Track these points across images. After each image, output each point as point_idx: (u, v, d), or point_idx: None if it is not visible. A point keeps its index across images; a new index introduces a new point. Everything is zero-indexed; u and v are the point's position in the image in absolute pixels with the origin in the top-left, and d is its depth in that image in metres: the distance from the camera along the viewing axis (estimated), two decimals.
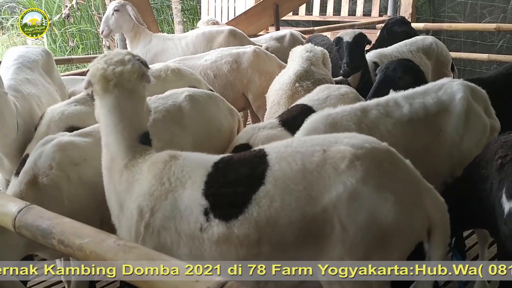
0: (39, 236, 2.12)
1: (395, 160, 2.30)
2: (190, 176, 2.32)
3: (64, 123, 3.40)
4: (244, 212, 2.19)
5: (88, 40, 12.53)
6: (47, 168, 2.86)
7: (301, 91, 4.01)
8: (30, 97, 3.77)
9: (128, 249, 1.86)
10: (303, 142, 2.35)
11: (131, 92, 2.44)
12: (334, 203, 2.13)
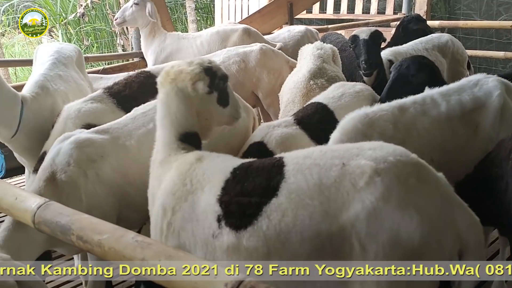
0: (58, 232, 2.15)
1: (423, 174, 2.12)
2: (210, 180, 2.29)
3: (80, 121, 3.43)
4: (253, 224, 2.11)
5: (102, 39, 12.62)
6: (65, 165, 2.88)
7: (315, 88, 4.01)
8: (56, 94, 3.85)
9: (146, 246, 1.88)
10: (323, 153, 2.20)
11: (180, 91, 2.50)
12: (352, 221, 2.00)
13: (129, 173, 3.01)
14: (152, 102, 3.30)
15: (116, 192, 2.98)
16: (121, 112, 3.52)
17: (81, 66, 4.48)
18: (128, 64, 6.42)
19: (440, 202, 2.09)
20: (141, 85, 3.78)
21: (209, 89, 2.55)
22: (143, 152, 3.01)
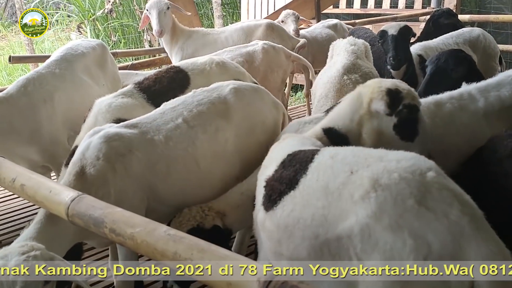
0: (91, 225, 2.18)
1: (430, 198, 1.91)
2: (275, 159, 2.48)
3: (111, 115, 3.46)
4: (273, 209, 2.23)
5: (129, 34, 12.73)
6: (94, 159, 2.91)
7: (349, 84, 3.99)
8: (33, 94, 3.89)
9: (178, 239, 1.89)
10: (345, 156, 2.18)
11: (357, 95, 2.77)
12: (348, 234, 1.95)
13: (157, 167, 3.03)
14: (181, 97, 3.32)
15: (144, 186, 3.00)
16: (151, 107, 3.54)
17: (103, 62, 4.48)
18: (156, 60, 6.47)
19: (446, 231, 1.85)
20: (171, 80, 3.79)
21: (388, 111, 2.63)
22: (171, 147, 3.05)
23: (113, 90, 4.31)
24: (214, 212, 2.93)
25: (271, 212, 2.24)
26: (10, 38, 14.32)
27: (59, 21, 14.27)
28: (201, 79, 3.81)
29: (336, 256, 2.00)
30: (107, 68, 4.48)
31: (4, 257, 2.27)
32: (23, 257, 2.23)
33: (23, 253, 2.26)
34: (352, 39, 4.61)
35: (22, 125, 3.81)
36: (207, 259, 1.77)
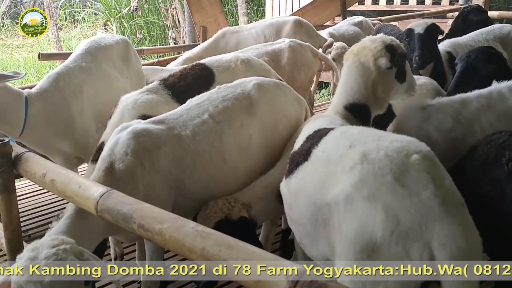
0: (120, 220, 2.19)
1: (408, 177, 2.04)
2: (303, 137, 2.69)
3: (136, 111, 3.48)
4: (290, 177, 2.53)
5: (155, 32, 12.84)
6: (123, 155, 2.93)
7: None
8: (65, 88, 3.94)
9: (206, 235, 1.88)
10: (350, 134, 2.41)
11: (361, 65, 2.87)
12: (335, 200, 2.16)
13: (184, 162, 3.05)
14: (206, 93, 3.33)
15: (171, 181, 3.02)
16: (175, 103, 3.56)
17: (127, 57, 4.50)
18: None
19: (415, 209, 1.98)
20: (196, 77, 3.80)
21: (390, 65, 2.84)
22: (198, 142, 3.07)
23: (138, 85, 4.35)
24: (240, 203, 2.97)
25: (288, 180, 2.56)
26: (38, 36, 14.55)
27: (85, 19, 14.48)
28: (226, 76, 3.81)
29: (326, 221, 2.22)
30: (130, 63, 4.51)
31: (35, 249, 2.29)
32: (53, 250, 2.25)
33: (54, 246, 2.28)
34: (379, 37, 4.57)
35: (57, 119, 3.87)
36: (235, 256, 1.76)
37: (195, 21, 6.93)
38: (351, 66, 2.89)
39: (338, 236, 2.14)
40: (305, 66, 5.00)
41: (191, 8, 7.01)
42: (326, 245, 2.27)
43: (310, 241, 2.41)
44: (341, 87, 2.97)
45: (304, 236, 2.46)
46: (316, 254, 2.42)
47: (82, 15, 14.39)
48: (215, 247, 1.83)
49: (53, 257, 2.23)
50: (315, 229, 2.31)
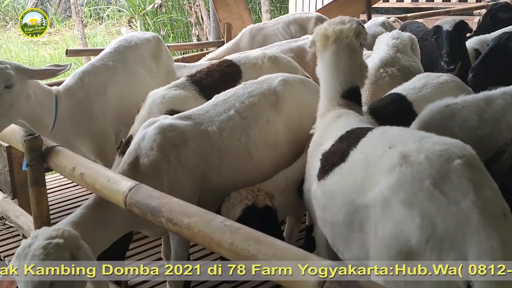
0: (148, 214, 2.21)
1: (448, 185, 1.96)
2: (333, 136, 2.60)
3: (164, 106, 3.51)
4: (325, 179, 2.45)
5: (178, 29, 12.91)
6: (148, 150, 2.96)
7: (385, 76, 3.96)
8: (89, 87, 3.95)
9: (235, 230, 1.89)
10: (391, 134, 2.34)
11: (347, 47, 2.83)
12: (372, 202, 2.11)
13: (210, 158, 3.06)
14: (232, 89, 3.35)
15: (197, 177, 3.04)
16: (202, 99, 3.58)
17: (158, 55, 4.50)
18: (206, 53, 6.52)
19: (452, 218, 1.90)
20: (222, 73, 3.82)
21: (367, 37, 2.94)
22: (224, 138, 3.08)
23: (168, 82, 4.36)
24: (263, 193, 2.98)
25: (322, 182, 2.47)
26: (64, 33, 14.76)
27: (110, 16, 14.61)
28: (253, 73, 3.81)
29: (363, 223, 2.18)
30: (161, 60, 4.50)
31: (34, 237, 2.33)
32: (45, 243, 2.25)
33: (49, 237, 2.28)
34: (397, 33, 4.55)
35: (80, 118, 3.88)
36: (264, 251, 1.77)
37: (219, 18, 6.95)
38: (338, 51, 2.82)
39: (373, 239, 2.10)
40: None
41: (216, 5, 7.04)
42: (360, 248, 2.23)
43: (344, 244, 2.36)
44: (330, 77, 2.87)
45: (337, 238, 2.42)
46: (349, 257, 2.39)
47: (107, 12, 14.53)
48: (244, 242, 1.83)
49: (40, 250, 2.23)
50: (350, 231, 2.27)
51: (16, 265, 2.26)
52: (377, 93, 3.84)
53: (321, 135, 2.76)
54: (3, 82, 3.18)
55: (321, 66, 2.91)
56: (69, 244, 2.32)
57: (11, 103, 3.26)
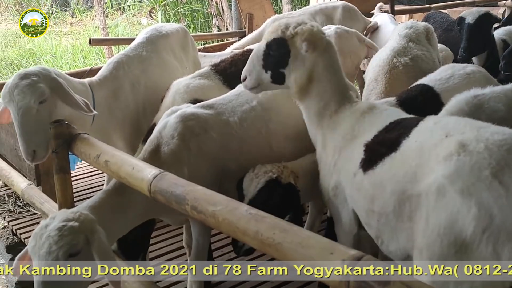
0: (173, 202, 2.21)
1: (509, 171, 1.94)
2: (370, 129, 2.55)
3: (188, 96, 3.51)
4: (373, 169, 2.38)
5: (198, 19, 12.91)
6: (169, 138, 2.97)
7: (399, 66, 3.94)
8: (124, 77, 3.88)
9: (260, 218, 1.89)
10: (446, 123, 2.31)
11: (329, 46, 2.77)
12: (426, 190, 2.08)
13: (231, 148, 3.06)
14: None
15: (217, 166, 3.04)
16: (226, 88, 3.57)
17: (185, 45, 4.48)
18: (228, 44, 6.51)
19: (511, 210, 1.87)
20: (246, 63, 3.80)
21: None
22: (245, 128, 3.08)
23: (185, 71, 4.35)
24: (289, 171, 2.95)
25: (370, 172, 2.39)
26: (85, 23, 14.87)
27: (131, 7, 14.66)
28: None
29: (413, 212, 2.14)
30: (188, 51, 4.50)
31: (52, 218, 2.39)
32: (60, 224, 2.31)
33: (65, 220, 2.34)
34: (411, 22, 4.52)
35: (117, 110, 3.82)
36: (289, 239, 1.76)
37: (241, 8, 6.92)
38: (328, 51, 2.73)
39: (424, 229, 2.07)
40: (351, 53, 4.95)
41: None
42: (408, 238, 2.20)
43: (391, 234, 2.32)
44: (336, 76, 2.77)
45: (384, 229, 2.36)
46: (395, 249, 2.34)
47: (128, 3, 14.58)
48: (269, 230, 1.82)
49: (55, 232, 2.28)
50: (400, 221, 2.23)
51: (32, 244, 2.32)
52: (392, 82, 3.84)
53: (352, 128, 2.64)
54: (37, 99, 3.09)
55: (323, 67, 2.72)
56: (84, 228, 2.36)
57: (50, 112, 3.17)
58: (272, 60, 2.73)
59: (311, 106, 2.80)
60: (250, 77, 2.81)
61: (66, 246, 2.27)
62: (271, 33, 2.73)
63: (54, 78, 3.22)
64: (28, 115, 3.06)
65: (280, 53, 2.70)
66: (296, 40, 2.66)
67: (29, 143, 3.07)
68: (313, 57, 2.68)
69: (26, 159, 3.12)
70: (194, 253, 3.22)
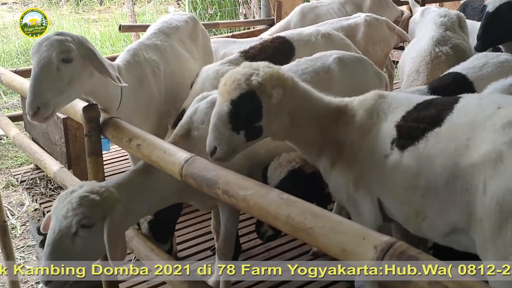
0: (204, 186, 2.23)
1: None
2: (394, 111, 2.53)
3: (218, 82, 3.42)
4: (415, 145, 2.35)
5: (225, 7, 12.91)
6: (199, 123, 2.99)
7: (441, 56, 3.90)
8: (146, 63, 3.85)
9: (291, 203, 1.89)
10: (493, 98, 2.37)
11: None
12: (482, 160, 2.08)
13: None
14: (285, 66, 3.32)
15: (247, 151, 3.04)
16: None
17: (195, 36, 4.46)
18: (256, 32, 6.51)
19: None
20: (276, 50, 3.81)
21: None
22: None
23: (204, 63, 4.31)
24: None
25: (411, 148, 2.35)
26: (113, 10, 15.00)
27: None
28: (306, 50, 3.79)
29: (467, 184, 2.14)
30: (198, 41, 4.47)
31: (80, 186, 2.50)
32: (84, 194, 2.42)
33: (90, 191, 2.44)
34: (444, 10, 4.45)
35: (142, 95, 3.79)
36: (321, 224, 1.76)
37: None
38: (294, 83, 2.61)
39: (482, 199, 2.08)
40: (381, 41, 4.92)
41: None
42: (460, 212, 2.20)
43: (440, 208, 2.30)
44: (312, 100, 2.69)
45: (431, 204, 2.33)
46: (442, 223, 2.32)
47: None
48: (300, 215, 1.83)
49: (76, 200, 2.39)
50: (452, 194, 2.22)
51: (55, 204, 2.45)
52: (433, 73, 3.78)
53: (369, 117, 2.59)
54: (60, 54, 2.94)
55: (300, 99, 2.62)
56: (104, 204, 2.45)
57: (71, 79, 3.00)
58: (243, 117, 2.47)
59: (304, 136, 2.69)
60: (221, 146, 2.50)
61: (80, 216, 2.37)
62: (231, 89, 2.45)
63: (88, 46, 3.13)
64: (46, 68, 2.92)
65: (251, 107, 2.46)
66: (266, 87, 2.44)
67: (36, 97, 2.87)
68: (287, 96, 2.51)
69: (27, 113, 2.92)
70: (222, 238, 3.25)
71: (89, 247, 2.44)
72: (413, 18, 5.30)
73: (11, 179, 8.12)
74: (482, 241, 2.11)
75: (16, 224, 7.23)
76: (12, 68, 5.51)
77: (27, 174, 5.44)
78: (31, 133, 5.15)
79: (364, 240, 1.63)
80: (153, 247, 2.96)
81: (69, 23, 13.60)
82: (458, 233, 2.29)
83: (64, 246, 2.38)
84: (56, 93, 2.94)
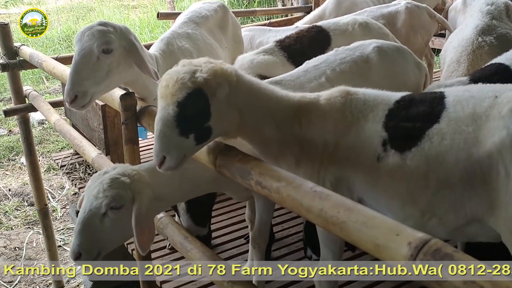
0: (238, 176, 2.24)
1: None
2: (373, 110, 2.45)
3: (252, 71, 3.51)
4: (418, 145, 2.31)
5: None
6: None
7: (484, 46, 3.78)
8: (180, 52, 3.85)
9: (325, 196, 1.88)
10: (481, 88, 2.38)
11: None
12: (498, 148, 2.10)
13: None
14: (323, 56, 3.30)
15: None
16: (291, 65, 3.56)
17: (224, 24, 4.45)
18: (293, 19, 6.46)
19: None
20: (311, 39, 3.77)
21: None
22: None
23: (233, 51, 4.33)
24: None
25: (415, 149, 2.31)
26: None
27: None
28: (342, 39, 3.74)
29: (486, 174, 2.15)
30: (227, 30, 4.46)
31: (113, 168, 2.58)
32: (115, 176, 2.50)
33: (121, 174, 2.52)
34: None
35: None
36: (354, 219, 1.74)
37: None
38: (239, 76, 2.41)
39: (504, 184, 2.09)
40: (421, 28, 4.82)
41: None
42: (480, 203, 2.20)
43: (453, 204, 2.28)
44: (262, 92, 2.49)
45: (442, 201, 2.30)
46: (454, 218, 2.29)
47: None
48: (333, 209, 1.82)
49: (107, 181, 2.48)
50: (469, 187, 2.21)
51: (89, 184, 2.55)
52: (475, 64, 3.67)
53: (342, 116, 2.47)
54: (100, 45, 2.99)
55: (247, 93, 2.43)
56: (134, 187, 2.51)
57: (110, 69, 3.04)
58: (192, 119, 2.24)
59: (258, 133, 2.50)
60: (171, 154, 2.26)
61: (109, 198, 2.45)
62: (175, 90, 2.21)
63: (130, 39, 3.16)
64: (86, 58, 2.97)
65: (199, 106, 2.25)
66: (211, 83, 2.24)
67: (74, 85, 2.93)
68: (233, 92, 2.32)
69: (65, 100, 2.99)
70: (256, 228, 3.27)
71: (117, 228, 2.51)
72: (453, 6, 5.17)
73: (52, 163, 8.36)
74: (508, 226, 2.11)
75: (56, 207, 7.47)
76: (54, 54, 5.63)
77: (67, 159, 5.58)
78: (71, 119, 5.28)
79: (397, 236, 1.61)
80: (187, 235, 3.00)
81: (109, 9, 13.80)
82: (471, 225, 2.29)
83: (93, 225, 2.46)
84: (95, 82, 3.00)
